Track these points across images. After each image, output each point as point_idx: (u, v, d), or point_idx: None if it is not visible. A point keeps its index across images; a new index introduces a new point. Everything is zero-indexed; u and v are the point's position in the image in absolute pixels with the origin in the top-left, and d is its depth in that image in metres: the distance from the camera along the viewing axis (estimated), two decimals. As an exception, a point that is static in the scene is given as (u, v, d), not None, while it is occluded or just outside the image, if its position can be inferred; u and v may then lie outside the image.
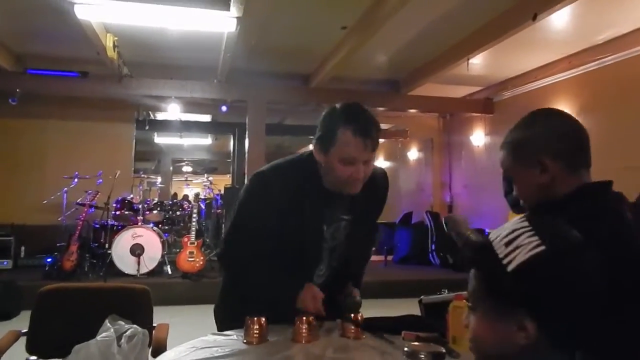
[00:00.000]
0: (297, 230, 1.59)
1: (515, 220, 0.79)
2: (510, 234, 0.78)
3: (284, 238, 1.59)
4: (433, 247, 7.71)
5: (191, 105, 8.37)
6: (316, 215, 1.62)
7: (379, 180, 1.74)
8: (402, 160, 11.04)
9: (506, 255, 0.77)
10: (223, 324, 1.73)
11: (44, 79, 6.93)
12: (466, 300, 1.45)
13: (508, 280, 0.76)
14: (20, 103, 6.98)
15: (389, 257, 8.43)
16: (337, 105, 1.56)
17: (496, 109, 8.21)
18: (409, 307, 1.90)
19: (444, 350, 0.95)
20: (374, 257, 8.82)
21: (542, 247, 0.75)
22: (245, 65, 6.88)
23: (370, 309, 1.68)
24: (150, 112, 9.13)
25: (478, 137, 8.61)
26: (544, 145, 1.21)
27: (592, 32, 5.70)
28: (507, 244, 0.78)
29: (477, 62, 6.48)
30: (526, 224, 0.78)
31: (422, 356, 0.93)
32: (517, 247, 0.76)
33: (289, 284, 1.62)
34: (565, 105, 6.48)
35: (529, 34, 5.38)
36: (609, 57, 5.88)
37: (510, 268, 0.76)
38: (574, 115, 1.27)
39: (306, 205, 1.60)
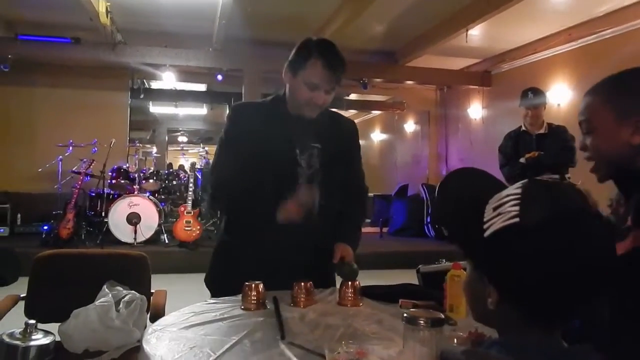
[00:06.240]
0: (271, 153, 1.71)
1: (514, 185, 0.75)
2: (501, 199, 0.74)
3: (261, 159, 1.69)
4: (428, 220, 7.75)
5: (186, 74, 8.28)
6: (286, 136, 1.74)
7: (346, 123, 1.94)
8: (398, 133, 11.00)
9: (489, 220, 0.73)
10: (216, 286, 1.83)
11: (36, 45, 6.79)
12: (464, 268, 1.47)
13: (480, 246, 0.73)
14: (11, 70, 6.88)
15: (385, 229, 8.50)
16: (313, 38, 1.72)
17: (494, 82, 8.16)
18: (405, 278, 1.91)
19: (442, 316, 0.97)
20: (369, 229, 8.96)
21: (516, 220, 0.70)
22: (241, 34, 6.77)
23: (367, 280, 1.70)
24: (145, 81, 9.02)
25: (475, 110, 8.57)
26: None
27: (592, 4, 5.63)
28: (495, 209, 0.73)
29: (476, 33, 6.41)
30: (519, 191, 0.73)
31: (421, 322, 0.94)
32: (499, 214, 0.72)
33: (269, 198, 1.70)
34: (563, 79, 6.45)
35: (528, 6, 5.32)
36: (609, 30, 5.82)
37: (486, 234, 0.73)
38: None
39: (275, 127, 1.74)
